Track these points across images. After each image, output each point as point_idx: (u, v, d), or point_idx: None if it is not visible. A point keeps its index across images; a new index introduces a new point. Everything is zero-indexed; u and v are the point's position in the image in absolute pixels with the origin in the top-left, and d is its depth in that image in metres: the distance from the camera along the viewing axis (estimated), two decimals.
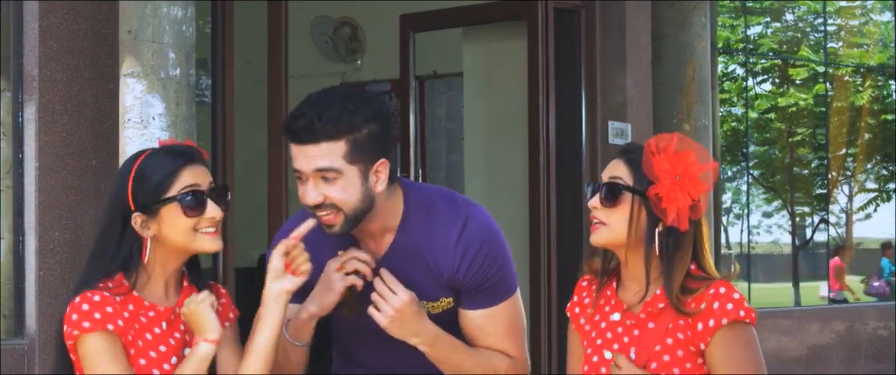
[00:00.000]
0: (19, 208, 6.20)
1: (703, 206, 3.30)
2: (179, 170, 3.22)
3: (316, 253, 3.42)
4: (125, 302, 3.20)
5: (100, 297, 3.15)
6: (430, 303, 3.54)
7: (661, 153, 3.26)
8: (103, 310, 3.13)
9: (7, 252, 6.22)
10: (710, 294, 3.23)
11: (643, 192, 3.26)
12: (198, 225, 3.22)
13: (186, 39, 5.56)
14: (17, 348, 6.10)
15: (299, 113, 3.36)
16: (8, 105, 6.21)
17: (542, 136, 8.37)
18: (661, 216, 3.25)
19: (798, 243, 12.13)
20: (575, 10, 8.61)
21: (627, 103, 8.59)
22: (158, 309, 3.25)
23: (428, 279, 3.53)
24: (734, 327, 3.24)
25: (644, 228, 3.27)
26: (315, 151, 3.34)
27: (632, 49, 8.61)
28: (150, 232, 3.23)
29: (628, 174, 3.29)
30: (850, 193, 12.71)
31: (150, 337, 3.21)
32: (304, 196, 3.39)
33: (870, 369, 11.13)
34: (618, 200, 3.29)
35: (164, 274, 3.28)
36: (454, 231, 3.52)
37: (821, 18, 12.32)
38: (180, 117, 5.47)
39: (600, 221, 3.31)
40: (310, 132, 3.33)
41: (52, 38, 6.21)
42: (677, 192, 3.23)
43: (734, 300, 3.24)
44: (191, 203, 3.20)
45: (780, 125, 12.13)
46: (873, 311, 11.44)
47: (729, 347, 3.24)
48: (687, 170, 3.25)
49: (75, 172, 6.26)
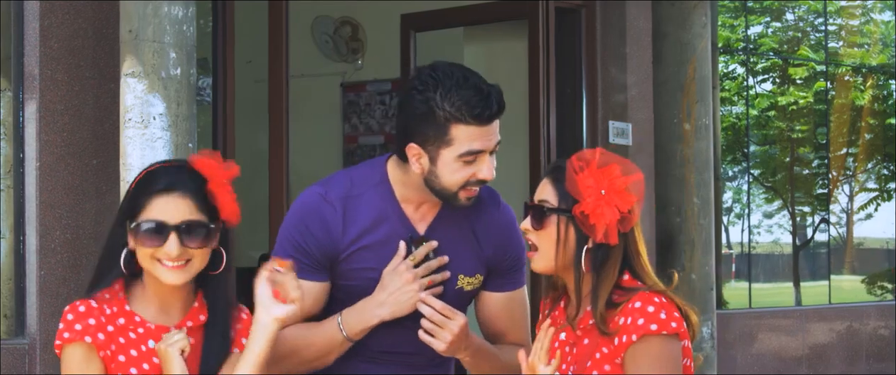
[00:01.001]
0: (20, 208, 6.20)
1: (635, 218, 3.28)
2: (151, 199, 3.14)
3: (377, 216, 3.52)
4: (117, 314, 3.15)
5: (85, 307, 3.11)
6: (467, 278, 3.60)
7: (584, 169, 3.25)
8: (85, 321, 3.09)
9: (8, 251, 6.21)
10: (628, 308, 3.20)
11: (569, 211, 3.26)
12: (156, 255, 3.14)
13: (187, 39, 5.55)
14: (18, 347, 6.10)
15: (485, 94, 3.43)
16: (9, 104, 6.21)
17: (543, 136, 8.37)
18: (589, 233, 3.24)
19: (799, 243, 12.12)
20: (576, 10, 8.61)
21: (628, 103, 8.59)
22: (148, 326, 3.17)
23: (470, 252, 3.60)
24: (645, 341, 3.18)
25: (573, 248, 3.26)
26: (496, 126, 3.47)
27: (632, 48, 8.61)
28: (131, 245, 3.17)
29: (554, 194, 3.30)
30: (850, 193, 12.70)
31: (135, 354, 3.14)
32: (484, 172, 3.48)
33: (871, 368, 11.13)
34: (544, 223, 3.29)
35: (159, 288, 3.20)
36: (495, 209, 3.66)
37: (821, 18, 12.31)
38: (181, 117, 5.46)
39: (533, 245, 3.33)
40: (501, 108, 3.47)
41: (53, 37, 6.21)
42: (604, 207, 3.22)
43: (647, 314, 3.18)
44: (146, 235, 3.12)
45: (781, 124, 12.12)
46: (874, 311, 11.44)
47: (636, 363, 3.18)
48: (612, 183, 3.24)
49: (76, 172, 6.26)
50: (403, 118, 3.49)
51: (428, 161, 3.46)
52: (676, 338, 3.21)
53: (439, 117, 3.41)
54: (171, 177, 3.15)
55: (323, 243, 3.54)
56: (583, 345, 3.27)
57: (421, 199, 3.57)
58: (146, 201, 3.13)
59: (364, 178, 3.61)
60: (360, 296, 3.55)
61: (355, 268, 3.55)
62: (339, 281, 3.58)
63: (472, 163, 3.45)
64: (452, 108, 3.39)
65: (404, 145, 3.49)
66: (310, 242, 3.54)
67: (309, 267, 3.53)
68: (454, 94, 3.39)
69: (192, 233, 3.13)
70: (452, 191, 3.48)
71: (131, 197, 3.18)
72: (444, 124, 3.41)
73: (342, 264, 3.55)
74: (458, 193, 3.48)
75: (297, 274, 3.30)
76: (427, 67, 3.48)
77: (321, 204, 3.57)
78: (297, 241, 3.53)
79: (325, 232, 3.54)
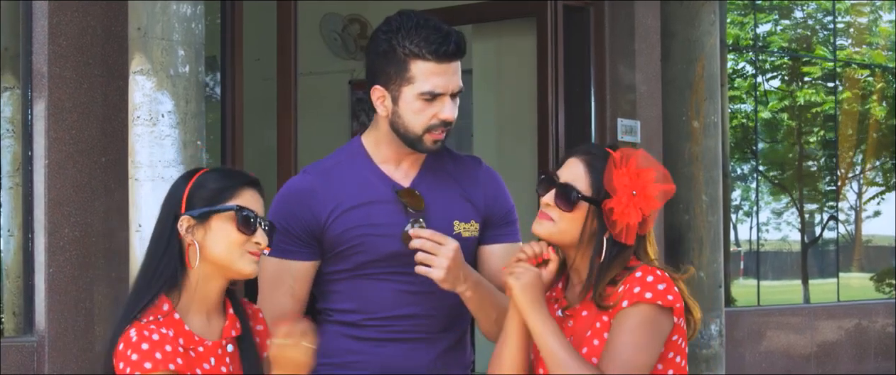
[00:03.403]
0: (29, 205, 6.21)
1: (651, 223, 3.32)
2: (241, 187, 3.19)
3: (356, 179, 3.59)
4: (176, 336, 3.11)
5: (159, 336, 3.06)
6: (463, 224, 3.63)
7: (623, 167, 3.28)
8: (163, 349, 3.04)
9: (16, 249, 6.22)
10: (629, 277, 3.25)
11: (598, 203, 3.29)
12: (245, 245, 3.16)
13: (196, 37, 5.56)
14: (26, 345, 6.10)
15: (444, 32, 3.52)
16: (17, 102, 6.22)
17: (552, 133, 8.37)
18: (609, 227, 3.28)
19: (807, 240, 12.10)
20: (584, 8, 8.61)
21: (637, 100, 8.59)
22: (206, 344, 3.15)
23: (460, 200, 3.65)
24: (637, 306, 3.21)
25: (593, 233, 3.30)
26: (456, 68, 3.53)
27: (641, 46, 8.61)
28: (194, 237, 3.14)
29: (585, 181, 3.32)
30: (859, 190, 12.68)
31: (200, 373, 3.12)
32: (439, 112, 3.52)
33: (879, 366, 11.12)
34: (572, 207, 3.31)
35: (206, 297, 3.17)
36: (478, 167, 3.72)
37: (830, 16, 12.30)
38: (189, 114, 5.47)
39: (549, 217, 3.33)
40: (459, 48, 3.52)
41: (62, 35, 6.21)
42: (631, 209, 3.26)
43: (645, 283, 3.22)
44: (245, 219, 3.15)
45: (790, 122, 12.11)
46: (882, 309, 11.43)
47: (619, 326, 3.22)
48: (645, 188, 3.28)
49: (84, 169, 6.26)
50: (369, 60, 3.59)
51: (391, 101, 3.54)
52: (670, 313, 3.24)
53: (400, 54, 3.51)
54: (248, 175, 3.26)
55: (304, 219, 3.58)
56: (581, 317, 3.32)
57: (398, 157, 3.62)
58: (235, 191, 3.18)
59: (340, 153, 3.70)
60: (355, 258, 3.58)
61: (342, 231, 3.57)
62: (332, 252, 3.60)
63: (433, 103, 3.52)
64: (412, 45, 3.50)
65: (371, 91, 3.59)
66: (291, 222, 3.57)
67: (294, 247, 3.58)
68: (414, 32, 3.51)
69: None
70: (418, 134, 3.54)
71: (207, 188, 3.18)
72: (405, 61, 3.51)
73: (328, 232, 3.57)
74: (423, 136, 3.54)
75: (283, 255, 3.52)
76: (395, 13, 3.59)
77: (299, 182, 3.64)
78: (280, 224, 3.55)
79: (306, 207, 3.58)
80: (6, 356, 6.00)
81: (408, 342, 3.62)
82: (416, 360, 3.62)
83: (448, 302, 3.61)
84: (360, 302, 3.61)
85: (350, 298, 3.63)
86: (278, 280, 3.60)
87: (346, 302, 3.63)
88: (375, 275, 3.60)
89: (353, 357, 3.62)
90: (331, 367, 3.62)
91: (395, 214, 3.58)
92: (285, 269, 3.60)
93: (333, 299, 3.66)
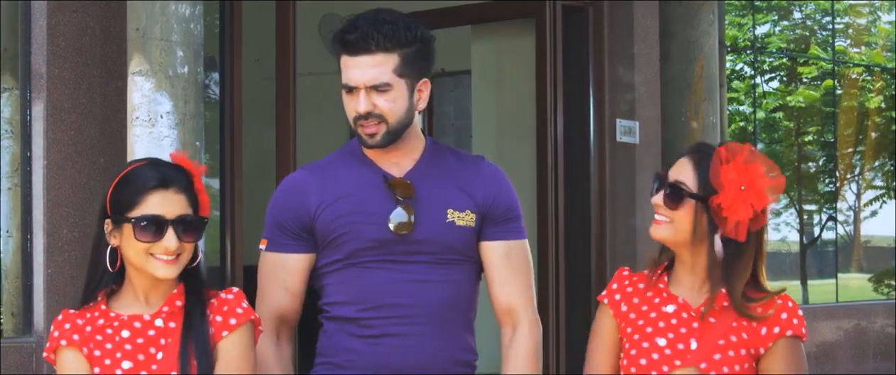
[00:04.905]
0: (27, 206, 6.21)
1: (764, 219, 3.35)
2: (147, 194, 3.20)
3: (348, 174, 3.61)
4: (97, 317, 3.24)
5: (62, 316, 3.24)
6: (458, 213, 3.63)
7: (730, 162, 3.30)
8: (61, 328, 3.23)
9: (15, 250, 6.22)
10: (777, 303, 3.35)
11: (706, 200, 3.30)
12: (151, 250, 3.20)
13: (195, 37, 5.56)
14: (25, 346, 6.11)
15: (355, 25, 3.51)
16: (16, 103, 6.22)
17: (551, 134, 8.37)
18: (719, 224, 3.30)
19: (806, 241, 12.11)
20: (583, 8, 8.61)
21: (636, 101, 8.58)
22: (122, 318, 3.24)
23: (455, 191, 3.64)
24: (794, 341, 3.36)
25: (705, 231, 3.32)
26: (369, 61, 3.51)
27: (640, 47, 8.60)
28: (114, 241, 3.23)
29: (693, 178, 3.34)
30: (858, 191, 12.69)
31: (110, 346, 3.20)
32: (355, 105, 3.53)
33: (878, 366, 11.12)
34: (680, 204, 3.33)
35: (145, 284, 3.26)
36: (478, 163, 3.71)
37: (829, 17, 12.30)
38: (188, 115, 5.47)
39: (663, 217, 3.36)
40: (366, 43, 3.49)
41: (60, 35, 6.21)
42: (740, 204, 3.28)
43: (799, 316, 3.37)
44: (145, 229, 3.18)
45: (789, 123, 12.11)
46: (881, 309, 11.43)
47: (787, 358, 3.35)
48: (753, 181, 3.30)
49: (83, 170, 6.26)
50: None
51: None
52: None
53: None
54: (164, 173, 3.23)
55: (296, 211, 3.61)
56: (708, 323, 3.33)
57: (391, 153, 3.62)
58: (141, 197, 3.20)
59: (337, 152, 3.73)
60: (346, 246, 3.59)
61: (332, 219, 3.59)
62: (324, 243, 3.61)
63: (352, 96, 3.55)
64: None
65: None
66: (285, 215, 3.62)
67: (287, 240, 3.63)
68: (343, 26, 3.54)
69: (187, 228, 3.22)
70: (353, 127, 3.58)
71: (120, 194, 3.23)
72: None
73: (318, 221, 3.59)
74: (357, 129, 3.57)
75: (277, 249, 3.60)
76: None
77: (294, 176, 3.70)
78: (275, 218, 3.62)
79: (299, 199, 3.61)
80: (5, 356, 6.00)
81: (403, 336, 3.61)
82: (414, 358, 3.61)
83: (443, 294, 3.61)
84: (353, 292, 3.61)
85: (343, 289, 3.62)
86: (273, 274, 3.64)
87: (339, 294, 3.63)
88: (366, 263, 3.60)
89: (350, 356, 3.61)
90: (329, 367, 3.63)
91: (385, 202, 3.59)
92: (279, 263, 3.64)
93: (328, 292, 3.66)
